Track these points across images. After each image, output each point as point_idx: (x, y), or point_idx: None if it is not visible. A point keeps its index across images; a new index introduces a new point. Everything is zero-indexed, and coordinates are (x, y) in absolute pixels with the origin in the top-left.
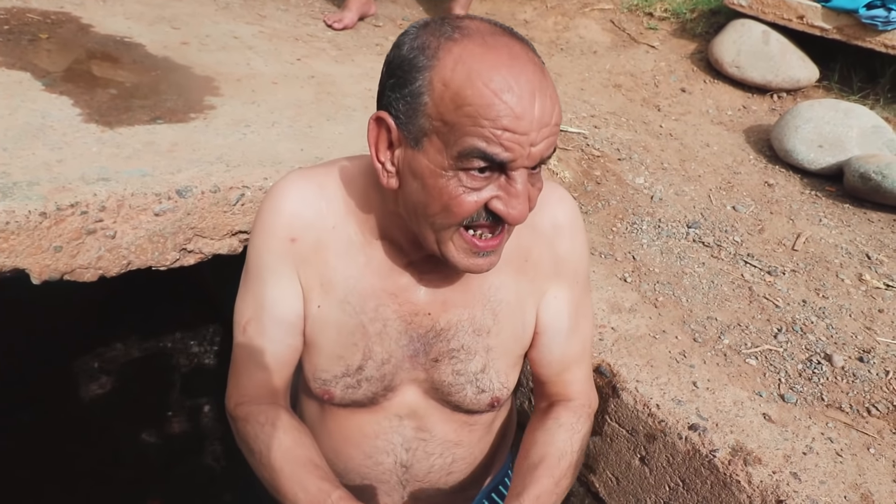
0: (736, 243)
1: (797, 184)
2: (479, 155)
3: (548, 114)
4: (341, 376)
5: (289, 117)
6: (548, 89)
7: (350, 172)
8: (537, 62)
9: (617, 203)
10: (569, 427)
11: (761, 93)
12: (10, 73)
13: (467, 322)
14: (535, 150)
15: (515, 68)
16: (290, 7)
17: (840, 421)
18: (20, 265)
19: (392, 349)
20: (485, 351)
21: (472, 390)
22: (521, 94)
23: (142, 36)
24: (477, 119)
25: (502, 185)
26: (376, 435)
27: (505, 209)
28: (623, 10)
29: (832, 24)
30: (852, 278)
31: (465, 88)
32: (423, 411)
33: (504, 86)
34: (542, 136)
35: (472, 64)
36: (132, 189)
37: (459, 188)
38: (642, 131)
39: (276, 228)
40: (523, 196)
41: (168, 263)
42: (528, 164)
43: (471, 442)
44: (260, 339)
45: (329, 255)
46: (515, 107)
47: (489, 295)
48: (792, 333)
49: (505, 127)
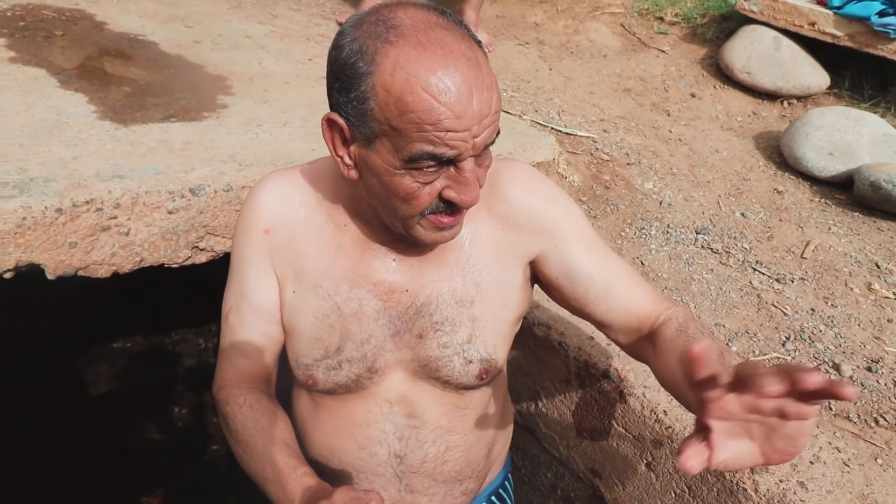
0: (744, 250)
1: (807, 191)
2: (428, 157)
3: (486, 105)
4: (322, 359)
5: (300, 117)
6: (484, 80)
7: (321, 166)
8: (471, 53)
9: (626, 208)
10: (676, 326)
11: (771, 99)
12: (25, 69)
13: (448, 294)
14: (478, 140)
15: (450, 67)
16: (301, 7)
17: (848, 431)
18: (36, 260)
19: (371, 328)
20: (470, 321)
21: (459, 362)
22: (459, 93)
23: (155, 34)
24: (421, 125)
25: (452, 175)
26: (368, 423)
27: (457, 196)
28: (633, 14)
29: (844, 31)
30: (861, 287)
31: (405, 94)
32: (413, 395)
33: (442, 88)
34: (484, 127)
35: (408, 68)
36: (146, 187)
37: (414, 184)
38: (652, 136)
39: (252, 221)
40: (472, 183)
41: (180, 261)
42: (472, 153)
43: (464, 429)
44: (240, 326)
45: (301, 243)
46: (454, 107)
47: (468, 266)
48: (800, 342)
49: (447, 128)
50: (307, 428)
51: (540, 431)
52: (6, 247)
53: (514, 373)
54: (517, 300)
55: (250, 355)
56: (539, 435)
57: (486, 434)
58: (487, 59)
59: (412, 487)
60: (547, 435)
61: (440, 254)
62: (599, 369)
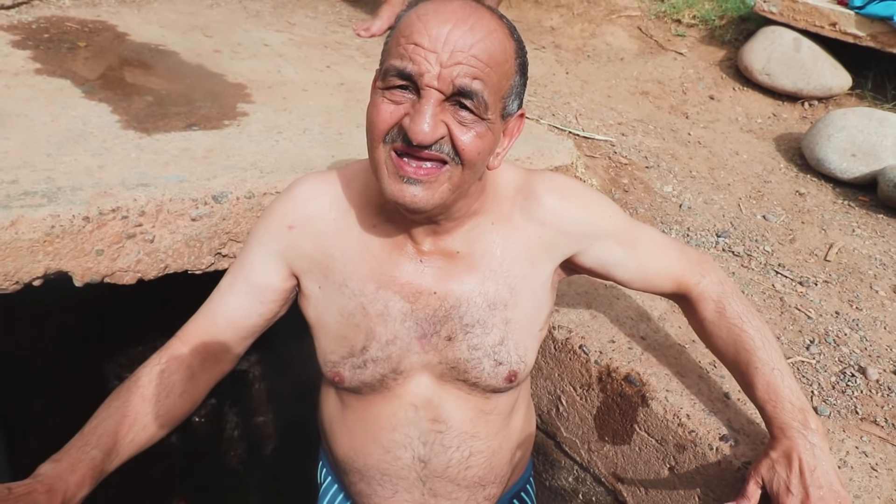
0: (766, 253)
1: (829, 193)
2: (396, 72)
3: (463, 41)
4: (347, 356)
5: (319, 124)
6: (470, 21)
7: (354, 169)
8: (481, 11)
9: (645, 211)
10: (715, 314)
11: (792, 101)
12: (51, 80)
13: (479, 297)
14: (445, 72)
15: (447, 4)
16: (318, 15)
17: (875, 435)
18: (64, 268)
19: (396, 329)
20: (503, 323)
21: (489, 364)
22: (440, 19)
23: (175, 44)
24: (398, 39)
25: (414, 103)
26: (393, 427)
27: (409, 123)
28: (650, 16)
29: (866, 32)
30: (887, 290)
31: (403, 20)
32: (438, 399)
33: (427, 12)
34: (454, 60)
35: (420, 6)
36: (170, 194)
37: (383, 101)
38: (670, 139)
39: (278, 214)
40: (425, 115)
41: (203, 267)
42: (438, 86)
43: (488, 434)
44: (227, 292)
45: (327, 243)
46: (428, 25)
47: (501, 271)
48: (825, 345)
49: (416, 42)
50: (334, 428)
51: (561, 436)
52: (35, 255)
53: (535, 377)
54: (547, 300)
55: (220, 323)
56: (560, 439)
57: (510, 439)
58: (507, 37)
59: (435, 492)
60: (568, 439)
61: (470, 258)
62: (621, 373)
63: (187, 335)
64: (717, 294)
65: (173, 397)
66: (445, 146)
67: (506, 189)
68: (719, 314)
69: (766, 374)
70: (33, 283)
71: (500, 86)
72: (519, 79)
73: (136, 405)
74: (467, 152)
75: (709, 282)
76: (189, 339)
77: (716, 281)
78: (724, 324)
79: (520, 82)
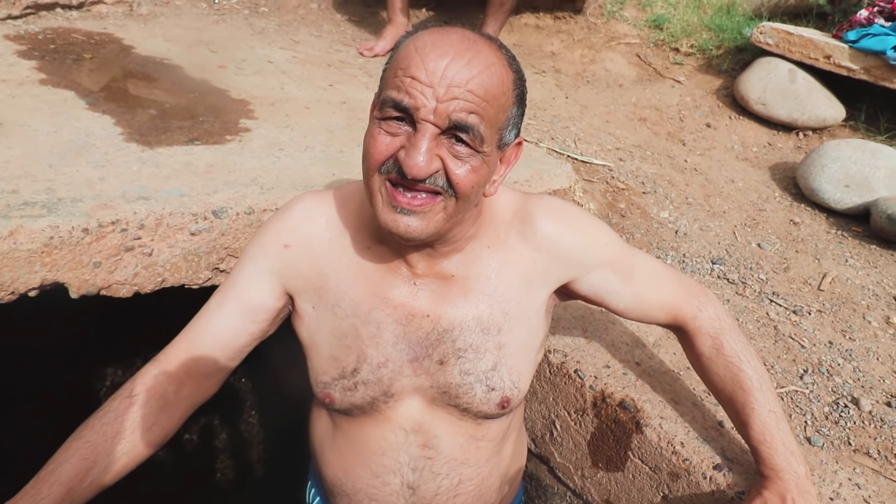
0: (761, 281)
1: (823, 223)
2: (392, 103)
3: (460, 76)
4: (338, 378)
5: (321, 142)
6: (468, 56)
7: (351, 190)
8: (474, 40)
9: (641, 236)
10: (711, 349)
11: (787, 130)
12: (55, 91)
13: (473, 321)
14: (441, 107)
15: (445, 36)
16: (322, 34)
17: (868, 467)
18: (60, 279)
19: (388, 352)
20: (496, 348)
21: (481, 389)
22: (438, 53)
23: (181, 58)
24: (395, 70)
25: (410, 136)
26: (383, 451)
27: (404, 157)
28: (649, 44)
29: (859, 65)
30: (879, 321)
31: (401, 50)
32: (429, 424)
33: (425, 44)
34: (451, 95)
35: (418, 37)
36: (170, 208)
37: (379, 132)
38: (667, 165)
39: (274, 233)
40: (419, 148)
41: (201, 282)
42: (433, 120)
43: (478, 461)
44: (217, 311)
45: (322, 263)
46: (426, 59)
47: (496, 295)
48: (818, 375)
49: (412, 76)
50: (324, 449)
51: (555, 461)
52: (33, 265)
53: (529, 401)
54: (541, 325)
55: (206, 344)
56: (553, 465)
57: (500, 466)
58: (506, 68)
59: None
60: (562, 465)
61: (465, 281)
62: (616, 399)
63: (167, 359)
64: (715, 329)
65: (141, 432)
66: (440, 179)
67: (502, 213)
68: (716, 350)
69: (762, 416)
70: (29, 293)
71: (496, 118)
72: (516, 110)
73: (97, 445)
74: (461, 185)
75: (706, 316)
76: (168, 364)
77: (713, 316)
78: (721, 360)
79: (517, 113)
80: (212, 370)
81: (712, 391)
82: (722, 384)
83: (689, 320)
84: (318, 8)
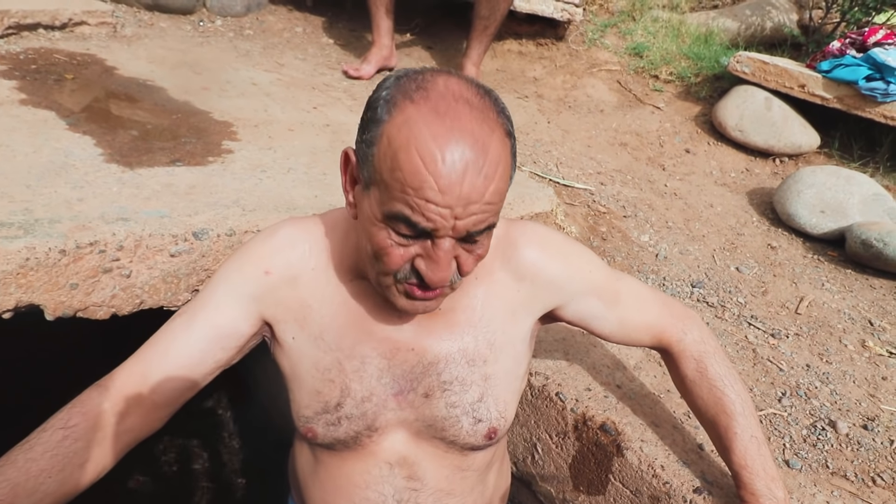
0: (740, 304)
1: (799, 247)
2: (403, 220)
3: (477, 191)
4: (321, 412)
5: (304, 164)
6: (484, 167)
7: (335, 217)
8: (483, 137)
9: (622, 260)
10: (695, 372)
11: (764, 157)
12: (35, 111)
13: (458, 353)
14: (460, 224)
15: (452, 141)
16: (307, 56)
17: (845, 490)
18: (36, 301)
19: (372, 386)
20: (482, 380)
21: (467, 421)
22: (451, 169)
23: (164, 80)
24: (404, 186)
25: (427, 247)
26: (366, 485)
27: (425, 270)
28: (630, 71)
29: (833, 94)
30: (855, 344)
31: (401, 152)
32: (414, 457)
33: (435, 157)
34: (470, 212)
35: (414, 128)
36: (150, 230)
37: (389, 241)
38: (647, 189)
39: (255, 257)
40: (443, 262)
41: (180, 304)
42: (453, 236)
43: (463, 491)
44: (182, 332)
45: (305, 293)
46: (440, 180)
47: (481, 325)
48: (796, 398)
49: (428, 198)
50: (307, 483)
51: (536, 484)
52: (7, 287)
53: (512, 423)
54: (526, 353)
55: (163, 369)
56: (535, 488)
57: (485, 495)
58: (508, 152)
59: None
60: (543, 488)
61: (450, 313)
62: (597, 422)
63: (116, 384)
64: (699, 353)
65: (71, 469)
66: (454, 276)
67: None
68: (700, 374)
69: (744, 441)
70: (2, 315)
71: (504, 197)
72: (514, 170)
73: (17, 485)
74: (469, 269)
75: (691, 339)
76: (116, 390)
77: (698, 339)
78: (704, 384)
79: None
80: (166, 400)
81: (695, 414)
82: (705, 407)
83: (674, 343)
84: (303, 31)
